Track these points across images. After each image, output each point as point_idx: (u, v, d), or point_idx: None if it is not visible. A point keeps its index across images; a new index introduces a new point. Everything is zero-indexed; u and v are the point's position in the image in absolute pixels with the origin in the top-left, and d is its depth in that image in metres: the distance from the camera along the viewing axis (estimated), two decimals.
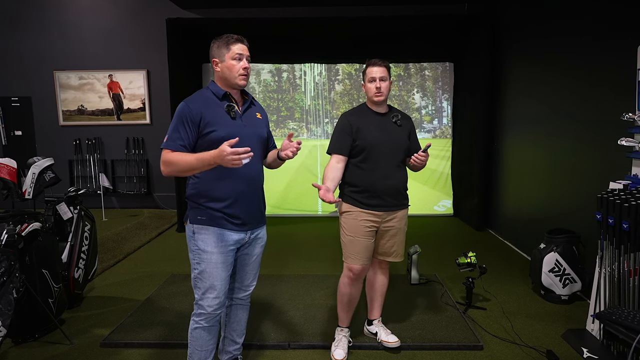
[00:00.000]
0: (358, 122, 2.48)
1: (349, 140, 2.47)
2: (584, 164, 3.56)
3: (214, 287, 2.05)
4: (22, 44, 6.62)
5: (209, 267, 2.03)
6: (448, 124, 6.56)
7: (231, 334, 2.36)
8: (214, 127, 1.97)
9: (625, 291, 2.48)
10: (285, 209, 6.59)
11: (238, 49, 2.01)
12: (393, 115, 2.53)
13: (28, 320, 2.74)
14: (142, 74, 6.63)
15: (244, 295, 2.31)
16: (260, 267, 2.34)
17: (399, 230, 2.58)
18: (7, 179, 3.01)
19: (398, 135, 2.51)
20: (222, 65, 2.02)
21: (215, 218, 2.02)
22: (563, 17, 3.90)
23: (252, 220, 2.12)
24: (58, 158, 5.07)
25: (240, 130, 2.00)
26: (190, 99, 2.02)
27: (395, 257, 2.64)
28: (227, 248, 2.04)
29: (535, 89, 4.45)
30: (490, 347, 2.70)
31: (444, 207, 6.60)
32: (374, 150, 2.45)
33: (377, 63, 2.45)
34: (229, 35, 2.04)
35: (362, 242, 2.47)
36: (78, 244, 3.29)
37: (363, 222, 2.47)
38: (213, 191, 2.02)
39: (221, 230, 2.03)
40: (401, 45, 6.33)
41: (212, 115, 1.98)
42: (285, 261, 4.44)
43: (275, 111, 6.67)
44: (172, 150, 1.94)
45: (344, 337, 2.66)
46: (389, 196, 2.49)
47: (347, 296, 2.61)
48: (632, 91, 2.77)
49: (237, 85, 2.04)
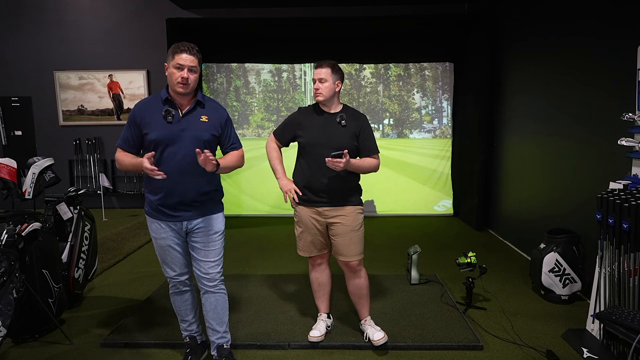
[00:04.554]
0: (303, 119, 2.62)
1: (289, 133, 2.66)
2: (584, 164, 3.55)
3: (165, 263, 2.39)
4: (22, 44, 6.61)
5: (157, 249, 2.36)
6: (448, 124, 6.56)
7: (210, 323, 2.44)
8: (147, 130, 2.18)
9: (625, 291, 2.48)
10: (286, 209, 6.59)
11: (181, 59, 2.13)
12: (339, 115, 2.58)
13: (28, 320, 2.74)
14: (142, 74, 6.63)
15: (207, 282, 2.39)
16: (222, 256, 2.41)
17: (344, 230, 2.57)
18: (7, 179, 3.00)
19: (339, 135, 2.55)
20: (168, 71, 2.19)
21: (151, 209, 2.30)
22: (563, 17, 3.90)
23: (185, 213, 2.28)
24: (58, 158, 5.06)
25: (175, 133, 2.18)
26: (140, 102, 2.27)
27: (346, 257, 2.61)
28: (165, 234, 2.30)
29: (535, 88, 4.44)
30: (490, 347, 2.70)
31: (444, 207, 6.60)
32: (310, 148, 2.57)
33: (321, 64, 2.55)
34: (180, 44, 2.16)
35: (305, 236, 2.68)
36: (78, 244, 3.29)
37: (306, 218, 2.63)
38: (149, 185, 2.28)
39: (156, 221, 2.30)
40: (401, 45, 6.33)
41: (150, 118, 2.19)
42: (285, 261, 4.44)
43: (275, 111, 6.67)
44: (121, 149, 2.23)
45: (322, 321, 2.83)
46: (325, 193, 2.56)
47: (315, 281, 2.83)
48: (632, 91, 2.77)
49: (177, 91, 2.18)
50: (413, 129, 6.59)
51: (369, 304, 2.80)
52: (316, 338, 2.70)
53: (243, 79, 6.60)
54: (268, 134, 6.59)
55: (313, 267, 2.80)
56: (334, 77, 2.53)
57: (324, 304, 2.87)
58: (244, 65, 6.54)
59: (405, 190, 6.61)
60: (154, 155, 2.12)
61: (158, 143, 2.17)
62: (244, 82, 6.61)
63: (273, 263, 4.39)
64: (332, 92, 2.54)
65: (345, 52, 6.37)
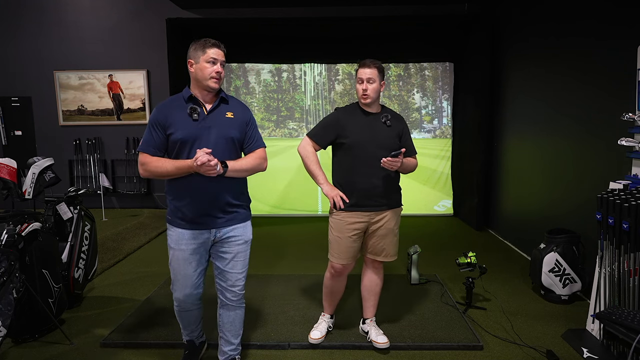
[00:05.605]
0: (346, 119, 2.51)
1: (331, 136, 2.52)
2: (584, 164, 3.55)
3: (177, 281, 2.20)
4: (22, 44, 6.61)
5: (173, 262, 2.18)
6: (448, 124, 6.56)
7: (225, 335, 2.35)
8: (173, 130, 2.06)
9: (625, 291, 2.48)
10: (286, 209, 6.59)
11: (213, 53, 2.09)
12: (383, 116, 2.54)
13: (28, 320, 2.74)
14: (142, 74, 6.63)
15: (231, 296, 2.26)
16: (247, 268, 2.28)
17: (388, 231, 2.57)
18: (7, 179, 3.00)
19: (385, 135, 2.51)
20: (196, 67, 2.10)
21: (175, 216, 2.13)
22: (563, 17, 3.90)
23: (213, 220, 2.13)
24: (58, 158, 5.07)
25: (201, 131, 2.07)
26: (161, 104, 2.16)
27: (386, 257, 2.63)
28: (187, 246, 2.13)
29: (535, 88, 4.45)
30: (490, 347, 2.69)
31: (444, 207, 6.60)
32: (358, 149, 2.46)
33: (367, 64, 2.45)
34: (207, 39, 2.10)
35: (345, 243, 2.53)
36: (78, 244, 3.29)
37: (350, 225, 2.50)
38: (173, 189, 2.13)
39: (180, 229, 2.13)
40: (401, 45, 6.33)
41: (174, 117, 2.07)
42: (285, 261, 4.44)
43: (275, 111, 6.67)
44: (149, 154, 2.07)
45: (324, 321, 2.80)
46: (375, 196, 2.50)
47: (330, 289, 2.75)
48: (632, 91, 2.77)
49: (209, 87, 2.10)
50: (413, 129, 6.58)
51: (377, 304, 2.81)
52: (316, 340, 2.68)
53: (243, 79, 6.60)
54: (268, 134, 6.59)
55: (334, 275, 2.67)
56: (379, 77, 2.46)
57: (331, 307, 2.84)
58: (244, 65, 6.54)
59: (405, 190, 6.51)
60: (180, 156, 2.03)
61: (185, 142, 2.05)
62: (244, 82, 6.61)
63: (273, 263, 4.39)
64: (378, 93, 2.49)
65: (345, 52, 6.37)
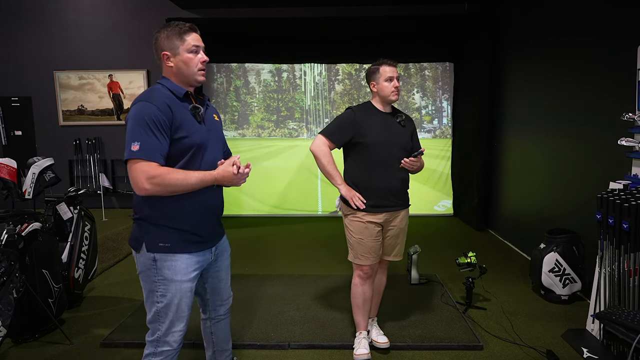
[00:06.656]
0: (363, 119, 2.46)
1: (348, 135, 2.45)
2: (584, 164, 3.55)
3: (182, 319, 1.78)
4: (22, 44, 6.61)
5: (177, 298, 1.74)
6: (448, 124, 6.56)
7: (219, 346, 2.20)
8: (185, 133, 1.68)
9: (625, 291, 2.48)
10: (286, 209, 6.59)
11: (194, 40, 1.74)
12: (397, 116, 2.54)
13: (28, 320, 2.74)
14: (142, 74, 6.63)
15: (224, 310, 2.12)
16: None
17: (401, 230, 2.60)
18: (7, 179, 3.01)
19: (401, 135, 2.51)
20: (177, 60, 1.73)
21: (182, 242, 1.73)
22: (563, 18, 3.90)
23: (216, 235, 1.91)
24: (58, 158, 5.06)
25: (207, 135, 1.78)
26: (154, 98, 1.66)
27: (396, 257, 2.65)
28: (193, 273, 1.78)
29: (535, 89, 4.44)
30: (490, 347, 2.70)
31: (444, 207, 6.60)
32: (377, 149, 2.43)
33: (391, 63, 2.46)
34: (180, 23, 1.75)
35: (369, 244, 2.47)
36: (78, 244, 3.29)
37: (368, 224, 2.46)
38: (179, 209, 1.71)
39: (184, 256, 1.73)
40: (401, 45, 6.33)
41: (181, 118, 1.69)
42: (285, 261, 4.44)
43: (275, 111, 6.67)
44: (158, 163, 1.61)
45: (363, 338, 2.60)
46: (392, 196, 2.49)
47: (362, 296, 2.57)
48: (632, 91, 2.77)
49: (196, 81, 1.78)
50: None
51: (379, 304, 2.81)
52: (365, 355, 2.51)
53: (243, 79, 6.60)
54: (268, 134, 6.59)
55: (364, 280, 2.54)
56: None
57: (365, 321, 2.64)
58: (244, 65, 6.54)
59: None
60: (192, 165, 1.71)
61: (200, 148, 1.73)
62: (244, 82, 6.61)
63: (273, 263, 4.39)
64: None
65: (345, 52, 6.38)
